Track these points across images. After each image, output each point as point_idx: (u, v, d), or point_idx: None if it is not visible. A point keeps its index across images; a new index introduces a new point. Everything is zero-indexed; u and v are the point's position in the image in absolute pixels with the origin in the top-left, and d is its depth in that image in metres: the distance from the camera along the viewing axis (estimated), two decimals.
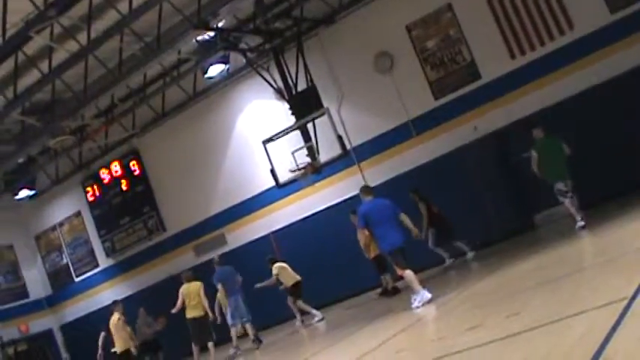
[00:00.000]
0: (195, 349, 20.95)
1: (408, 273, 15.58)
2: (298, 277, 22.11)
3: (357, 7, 25.14)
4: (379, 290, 21.66)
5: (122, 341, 21.95)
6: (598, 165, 21.00)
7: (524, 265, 15.69)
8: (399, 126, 24.82)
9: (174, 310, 21.00)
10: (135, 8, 20.82)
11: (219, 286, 21.64)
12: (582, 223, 18.06)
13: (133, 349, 22.14)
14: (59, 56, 22.67)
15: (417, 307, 15.06)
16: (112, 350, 22.58)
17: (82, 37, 21.57)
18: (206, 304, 20.77)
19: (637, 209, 16.89)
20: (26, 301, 33.67)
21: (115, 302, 22.88)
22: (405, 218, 16.09)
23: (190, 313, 20.71)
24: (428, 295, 15.21)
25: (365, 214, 16.01)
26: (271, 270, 22.09)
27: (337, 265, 24.95)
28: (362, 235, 18.19)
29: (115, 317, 22.07)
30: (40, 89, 23.80)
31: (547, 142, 19.16)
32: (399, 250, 15.80)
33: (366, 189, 16.87)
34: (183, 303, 20.75)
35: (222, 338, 22.87)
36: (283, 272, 22.10)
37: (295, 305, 22.24)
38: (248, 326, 21.69)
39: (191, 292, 20.78)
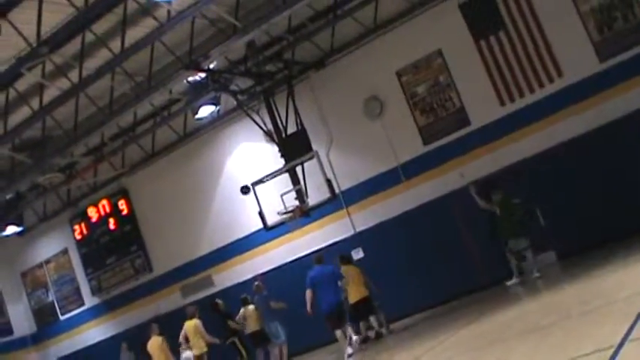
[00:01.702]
0: None
1: (338, 332, 19.76)
2: (258, 328, 22.91)
3: (347, 52, 25.28)
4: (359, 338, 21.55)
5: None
6: (589, 211, 21.17)
7: (508, 312, 15.70)
8: (388, 171, 24.85)
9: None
10: (127, 47, 20.84)
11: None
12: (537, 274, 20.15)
13: None
14: (50, 93, 22.79)
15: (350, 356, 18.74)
16: None
17: (74, 75, 21.64)
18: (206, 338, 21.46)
19: (621, 258, 16.89)
20: (11, 338, 33.37)
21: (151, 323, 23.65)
22: (343, 283, 20.41)
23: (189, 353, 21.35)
24: (349, 351, 19.04)
25: (312, 277, 19.97)
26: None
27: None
28: (307, 295, 20.02)
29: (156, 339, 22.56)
30: (31, 126, 23.79)
31: (503, 202, 20.77)
32: (333, 313, 19.81)
33: (317, 257, 21.06)
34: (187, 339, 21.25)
35: None
36: (249, 317, 23.05)
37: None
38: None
39: (188, 330, 21.44)
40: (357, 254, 24.68)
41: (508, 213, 20.86)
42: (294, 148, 24.31)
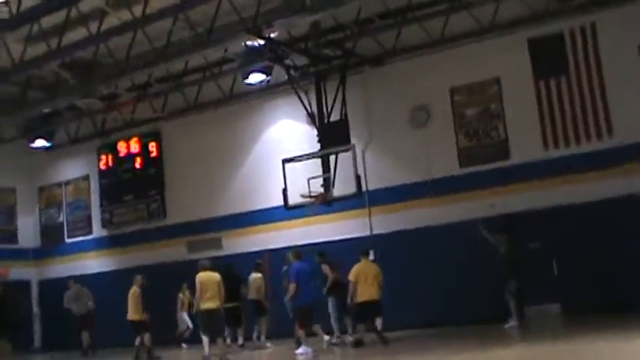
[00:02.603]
0: (205, 340, 19.31)
1: (301, 332, 19.82)
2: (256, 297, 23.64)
3: (407, 57, 25.02)
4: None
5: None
6: (604, 273, 21.12)
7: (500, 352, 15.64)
8: (418, 182, 24.69)
9: (195, 301, 20.01)
10: None
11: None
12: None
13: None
14: (110, 21, 22.75)
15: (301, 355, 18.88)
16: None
17: (137, 10, 21.67)
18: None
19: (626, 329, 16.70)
20: (14, 246, 33.76)
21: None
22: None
23: (205, 305, 19.21)
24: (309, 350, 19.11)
25: (298, 270, 20.07)
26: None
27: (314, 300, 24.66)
28: (292, 287, 20.11)
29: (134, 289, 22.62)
30: (84, 48, 23.89)
31: (509, 242, 21.11)
32: (308, 307, 19.94)
33: (296, 253, 20.86)
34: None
35: None
36: (251, 284, 23.68)
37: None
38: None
39: (209, 282, 19.43)
40: (370, 256, 24.57)
41: (511, 254, 20.95)
42: (332, 136, 24.23)
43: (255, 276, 23.88)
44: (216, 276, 19.53)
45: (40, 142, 31.73)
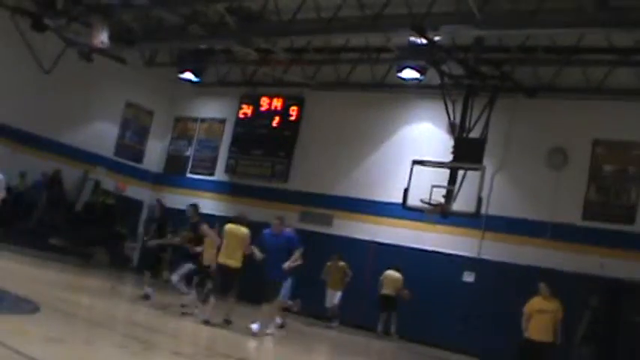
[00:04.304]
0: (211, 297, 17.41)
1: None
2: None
3: (560, 95, 24.61)
4: None
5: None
6: None
7: None
8: (537, 221, 24.29)
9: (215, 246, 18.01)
10: None
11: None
12: None
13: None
14: None
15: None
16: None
17: None
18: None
19: None
20: (137, 165, 34.71)
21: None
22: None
23: (223, 259, 17.20)
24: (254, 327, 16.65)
25: (265, 234, 17.24)
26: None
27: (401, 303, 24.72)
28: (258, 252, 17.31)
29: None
30: None
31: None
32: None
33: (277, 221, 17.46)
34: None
35: None
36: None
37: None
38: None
39: (234, 236, 17.28)
40: (469, 277, 24.55)
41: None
42: (467, 151, 24.01)
43: (393, 273, 24.50)
44: (245, 231, 17.33)
45: (188, 75, 32.57)
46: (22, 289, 14.25)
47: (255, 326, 16.71)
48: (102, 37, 27.17)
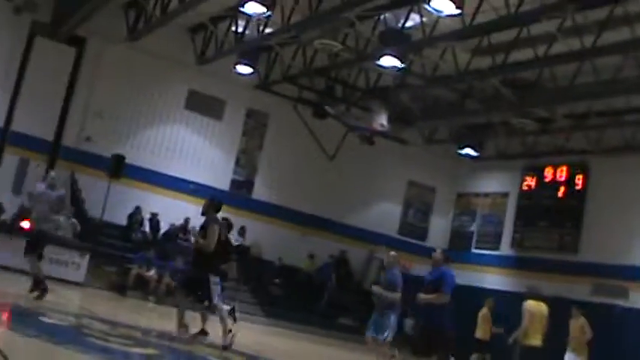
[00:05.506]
0: None
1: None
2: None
3: None
4: None
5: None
6: None
7: None
8: None
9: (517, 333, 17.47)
10: None
11: None
12: None
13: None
14: (558, 47, 22.33)
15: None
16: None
17: (588, 40, 21.17)
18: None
19: None
20: (422, 243, 34.37)
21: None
22: None
23: (528, 340, 16.76)
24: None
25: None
26: None
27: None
28: None
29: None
30: (528, 68, 24.40)
31: None
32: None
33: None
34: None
35: None
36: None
37: None
38: None
39: (537, 312, 16.90)
40: None
41: None
42: None
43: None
44: (544, 307, 16.96)
45: (467, 150, 32.24)
46: None
47: None
48: (381, 120, 27.85)
